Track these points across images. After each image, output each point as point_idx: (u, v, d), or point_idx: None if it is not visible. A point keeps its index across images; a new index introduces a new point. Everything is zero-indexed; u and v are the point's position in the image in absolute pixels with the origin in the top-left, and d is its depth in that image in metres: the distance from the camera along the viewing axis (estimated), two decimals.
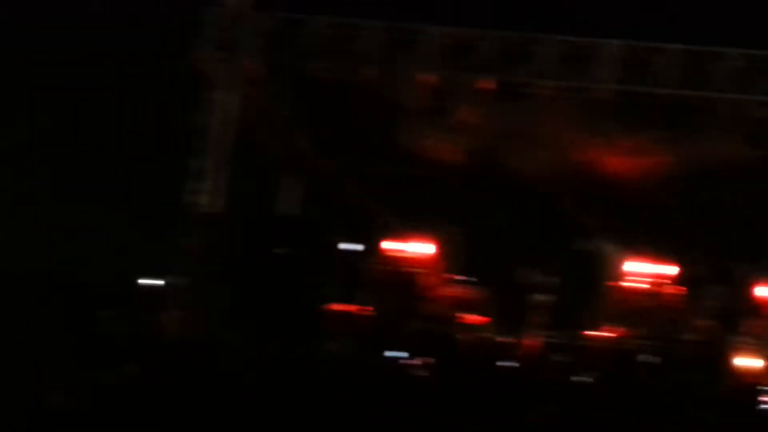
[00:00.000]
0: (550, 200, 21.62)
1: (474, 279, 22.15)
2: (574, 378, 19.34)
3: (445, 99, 17.74)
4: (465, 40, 17.54)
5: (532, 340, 20.48)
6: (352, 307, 20.87)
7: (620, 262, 22.23)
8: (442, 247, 21.78)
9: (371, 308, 20.79)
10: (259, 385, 16.48)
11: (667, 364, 20.39)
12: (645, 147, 20.46)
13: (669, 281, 21.69)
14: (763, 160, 19.97)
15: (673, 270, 21.72)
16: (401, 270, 21.47)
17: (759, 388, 20.45)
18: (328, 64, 17.57)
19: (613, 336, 21.25)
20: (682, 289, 21.62)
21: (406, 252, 21.60)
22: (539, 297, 21.72)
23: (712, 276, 22.12)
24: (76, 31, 20.57)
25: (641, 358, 20.61)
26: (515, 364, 19.97)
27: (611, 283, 22.18)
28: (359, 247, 21.95)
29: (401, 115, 19.51)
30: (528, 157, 20.47)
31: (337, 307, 21.00)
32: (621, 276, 22.14)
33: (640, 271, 21.84)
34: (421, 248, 21.49)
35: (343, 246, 21.87)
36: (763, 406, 19.76)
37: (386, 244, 21.58)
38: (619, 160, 21.52)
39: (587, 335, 20.92)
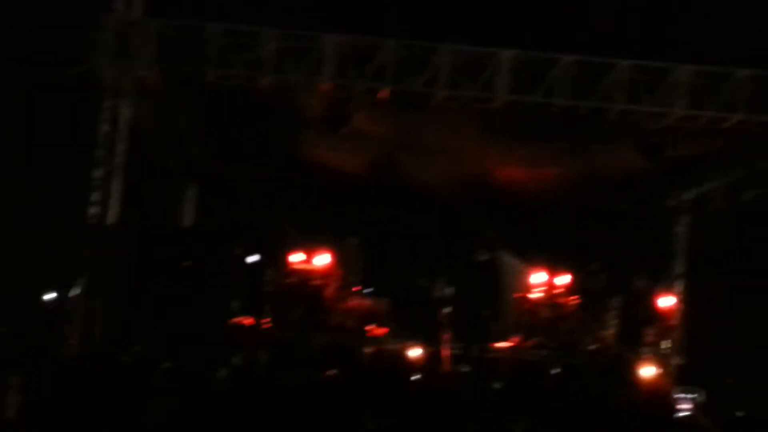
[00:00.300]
0: (450, 210, 21.75)
1: (376, 290, 22.22)
2: (479, 389, 19.42)
3: (342, 108, 17.73)
4: (361, 48, 17.58)
5: (436, 352, 20.57)
6: (255, 320, 20.79)
7: (521, 272, 22.45)
8: (343, 258, 21.81)
9: (275, 321, 20.73)
10: (161, 399, 16.27)
11: (569, 375, 20.59)
12: (541, 157, 20.70)
13: (568, 292, 21.95)
14: (657, 170, 20.34)
15: (572, 280, 21.98)
16: (304, 282, 21.45)
17: (670, 396, 20.80)
18: (224, 71, 17.48)
19: (516, 346, 21.44)
20: (581, 300, 21.89)
21: (308, 263, 21.59)
22: (442, 308, 21.83)
23: (612, 286, 22.43)
24: None
25: (544, 368, 20.82)
26: (419, 376, 20.04)
27: (513, 294, 22.42)
28: (261, 258, 21.90)
29: (299, 124, 19.51)
30: (427, 166, 20.58)
31: (240, 320, 20.91)
32: (522, 287, 22.36)
33: (540, 281, 22.07)
34: (323, 260, 21.49)
35: (245, 257, 21.81)
36: (680, 414, 20.06)
37: (288, 256, 21.56)
38: (517, 170, 21.74)
39: (490, 346, 21.07)
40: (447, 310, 21.37)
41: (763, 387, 19.13)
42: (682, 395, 21.04)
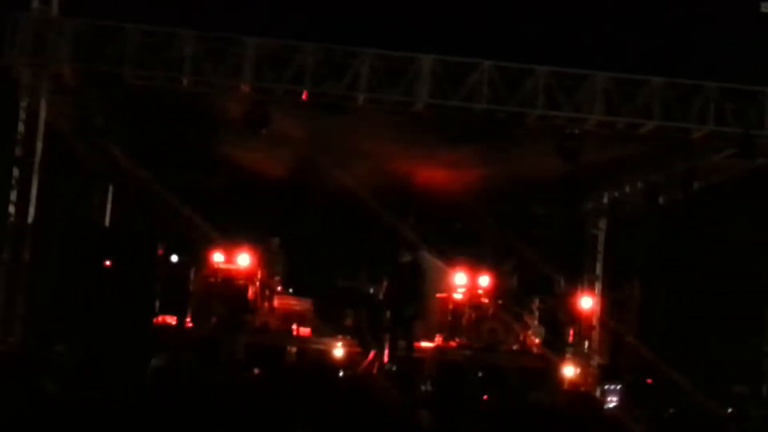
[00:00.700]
0: (371, 212, 21.84)
1: (299, 290, 22.26)
2: (405, 389, 19.44)
3: (262, 109, 17.76)
4: (280, 50, 17.61)
5: (360, 351, 20.64)
6: (178, 320, 20.73)
7: (443, 273, 22.61)
8: (265, 258, 21.82)
9: (198, 321, 20.68)
10: (82, 400, 16.11)
11: (492, 374, 20.73)
12: (462, 160, 20.86)
13: (490, 292, 22.12)
14: (576, 174, 20.61)
15: (493, 281, 22.15)
16: (226, 282, 21.40)
17: (592, 395, 21.03)
18: (142, 72, 17.43)
19: (439, 346, 21.57)
20: (502, 301, 22.07)
21: (231, 263, 21.57)
22: (364, 308, 21.91)
23: (533, 287, 22.67)
24: None
25: (468, 368, 20.94)
26: (345, 374, 20.03)
27: (435, 294, 22.56)
28: (183, 258, 21.86)
29: (219, 126, 19.50)
30: (347, 169, 20.64)
31: (163, 319, 20.85)
32: (444, 287, 22.52)
33: (462, 282, 22.22)
34: (245, 260, 21.48)
35: (167, 257, 21.75)
36: (608, 405, 20.28)
37: (210, 256, 21.52)
38: (438, 172, 21.90)
39: (413, 346, 21.16)
40: (369, 310, 21.48)
41: (680, 384, 19.45)
42: (609, 386, 21.29)
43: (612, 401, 20.76)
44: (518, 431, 15.46)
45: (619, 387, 20.94)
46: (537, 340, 22.03)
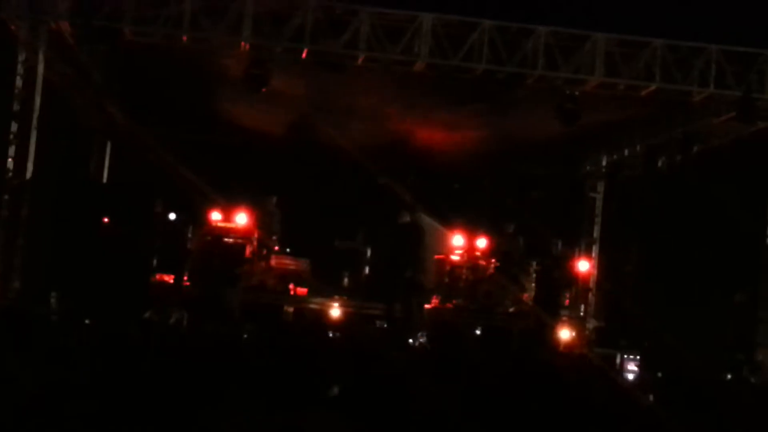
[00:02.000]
0: (369, 172, 21.81)
1: (297, 250, 22.27)
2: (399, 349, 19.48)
3: (262, 67, 17.68)
4: (280, 8, 17.52)
5: (356, 311, 20.67)
6: (175, 278, 20.75)
7: (440, 235, 22.62)
8: (262, 217, 21.82)
9: (195, 279, 20.68)
10: (79, 355, 16.15)
11: (489, 336, 20.76)
12: (461, 121, 20.83)
13: (487, 254, 22.14)
14: (575, 136, 20.59)
15: (490, 243, 22.17)
16: (224, 240, 21.41)
17: (587, 357, 21.05)
18: (141, 28, 17.34)
19: (436, 307, 21.61)
20: (499, 263, 22.09)
21: (228, 222, 21.57)
22: (362, 268, 21.95)
23: (530, 250, 22.68)
24: None
25: (465, 329, 20.96)
26: (339, 334, 20.06)
27: (432, 256, 22.58)
28: (181, 215, 21.86)
29: (218, 84, 19.44)
30: (346, 128, 20.59)
31: (161, 277, 20.87)
32: (441, 249, 22.54)
33: (459, 244, 22.24)
34: (243, 218, 21.47)
35: (165, 214, 21.75)
36: (626, 375, 20.28)
37: (208, 214, 21.52)
38: (437, 133, 21.86)
39: (411, 306, 21.17)
40: (367, 270, 21.51)
41: (677, 348, 19.48)
42: (627, 356, 21.25)
43: (631, 371, 20.66)
44: (513, 391, 15.53)
45: (637, 357, 20.80)
46: (533, 303, 22.07)
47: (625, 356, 20.91)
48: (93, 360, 15.66)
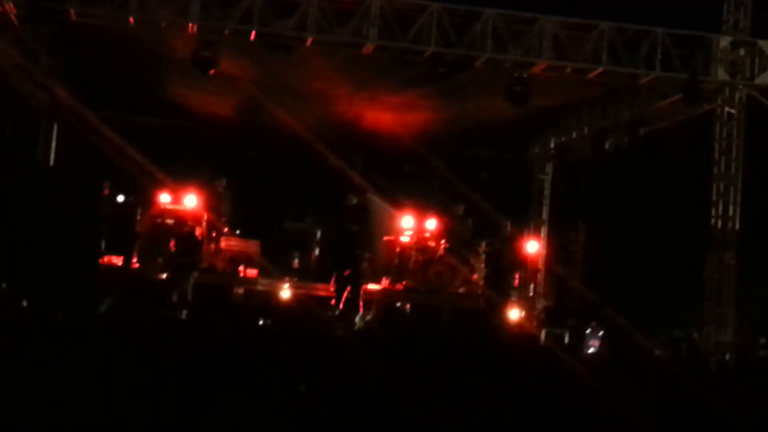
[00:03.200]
0: (318, 154, 21.79)
1: (247, 232, 22.23)
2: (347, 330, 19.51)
3: (211, 49, 17.58)
4: None
5: (305, 292, 20.69)
6: (124, 261, 20.63)
7: (390, 216, 22.66)
8: (212, 199, 21.75)
9: (144, 261, 20.57)
10: (25, 345, 15.98)
11: (437, 317, 20.83)
12: (410, 103, 20.86)
13: (436, 236, 22.21)
14: (524, 118, 20.71)
15: (440, 225, 22.23)
16: (173, 222, 21.32)
17: (537, 338, 21.23)
18: (87, 9, 17.17)
19: (386, 289, 21.66)
20: (449, 244, 22.17)
21: (177, 204, 21.49)
22: (312, 250, 21.94)
23: (479, 231, 22.79)
24: None
25: (414, 310, 21.01)
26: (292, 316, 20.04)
27: (382, 237, 22.63)
28: (129, 198, 21.74)
29: (166, 66, 19.30)
30: (295, 110, 20.55)
31: (109, 260, 20.74)
32: (391, 230, 22.58)
33: (409, 225, 22.29)
34: (192, 200, 21.40)
35: (112, 197, 21.62)
36: (588, 351, 20.43)
37: (156, 196, 21.43)
38: (386, 115, 21.88)
39: (362, 288, 21.22)
40: (317, 252, 21.51)
41: (624, 327, 19.69)
42: (590, 331, 21.42)
43: (592, 347, 20.84)
44: (462, 371, 15.55)
45: (600, 333, 20.95)
46: (482, 283, 22.18)
47: (588, 331, 21.11)
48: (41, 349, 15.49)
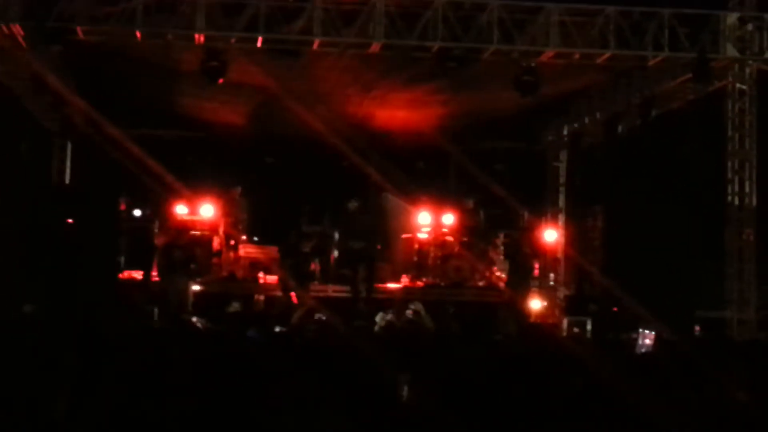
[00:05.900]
0: (332, 156, 21.85)
1: (265, 238, 22.31)
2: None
3: (219, 58, 17.63)
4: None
5: (324, 294, 20.70)
6: (143, 275, 20.71)
7: (407, 213, 22.72)
8: (228, 208, 21.85)
9: (164, 274, 20.64)
10: (54, 359, 16.01)
11: (462, 312, 20.83)
12: (421, 99, 20.88)
13: (454, 230, 22.25)
14: (535, 107, 20.70)
15: (457, 219, 22.28)
16: (190, 233, 21.44)
17: (559, 327, 21.16)
18: (93, 27, 17.23)
19: (406, 286, 21.69)
20: (467, 238, 22.20)
21: (194, 215, 21.60)
22: (329, 252, 21.97)
23: (496, 223, 22.82)
24: None
25: (437, 306, 20.98)
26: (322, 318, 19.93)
27: (400, 235, 22.68)
28: (146, 212, 21.85)
29: (176, 78, 19.37)
30: (306, 114, 20.57)
31: (129, 274, 20.84)
32: (409, 227, 22.64)
33: (426, 221, 22.34)
34: (208, 210, 21.51)
35: (129, 212, 21.73)
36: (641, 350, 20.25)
37: (173, 208, 21.55)
38: (397, 112, 21.91)
39: (382, 287, 21.26)
40: (335, 254, 21.55)
41: (645, 312, 19.59)
42: (643, 331, 21.25)
43: (644, 346, 20.62)
44: (486, 368, 15.50)
45: (653, 333, 20.73)
46: (502, 275, 22.20)
47: (640, 330, 20.85)
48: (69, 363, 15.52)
